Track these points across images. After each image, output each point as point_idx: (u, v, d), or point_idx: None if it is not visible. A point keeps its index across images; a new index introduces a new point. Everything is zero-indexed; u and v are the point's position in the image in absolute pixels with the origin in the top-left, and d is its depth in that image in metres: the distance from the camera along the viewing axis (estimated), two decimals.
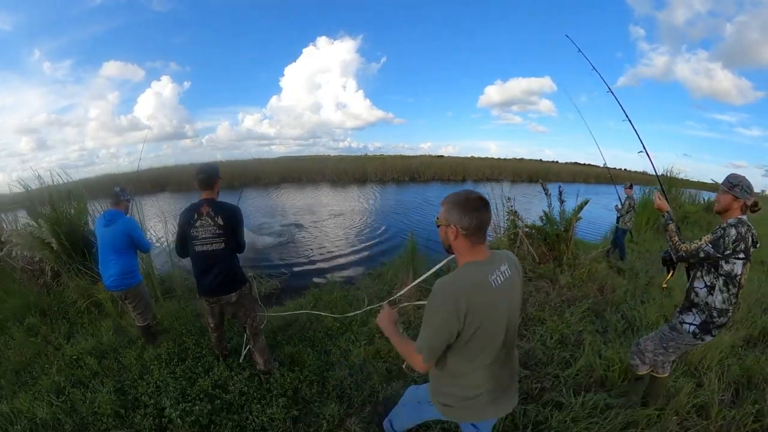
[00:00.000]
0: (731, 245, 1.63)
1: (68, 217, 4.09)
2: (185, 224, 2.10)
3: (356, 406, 2.19)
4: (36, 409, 2.17)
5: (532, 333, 2.98)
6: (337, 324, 3.15)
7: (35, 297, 3.69)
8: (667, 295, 3.88)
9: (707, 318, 1.75)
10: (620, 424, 1.87)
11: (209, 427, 2.04)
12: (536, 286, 4.05)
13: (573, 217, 4.69)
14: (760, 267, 5.30)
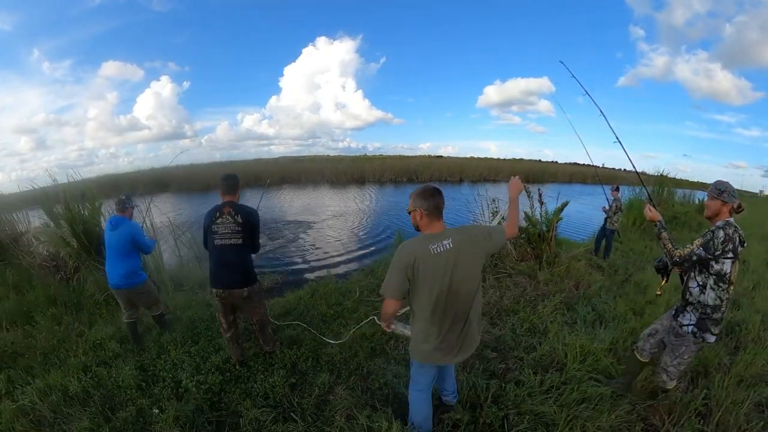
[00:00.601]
0: (720, 246, 1.73)
1: (82, 218, 4.36)
2: (208, 220, 2.33)
3: (344, 376, 2.49)
4: (67, 384, 2.44)
5: (504, 322, 3.20)
6: (330, 311, 3.49)
7: (55, 290, 3.95)
8: (641, 291, 4.09)
9: (701, 315, 1.85)
10: (574, 401, 2.07)
11: (220, 394, 2.35)
12: (515, 281, 4.25)
13: (554, 217, 4.90)
14: (741, 266, 5.48)
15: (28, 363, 2.84)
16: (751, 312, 3.53)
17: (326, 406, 2.21)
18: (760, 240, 7.31)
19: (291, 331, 3.16)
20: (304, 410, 2.16)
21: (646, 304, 3.62)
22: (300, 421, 2.07)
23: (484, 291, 3.96)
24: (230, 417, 2.19)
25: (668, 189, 9.95)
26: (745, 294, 4.13)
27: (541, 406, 1.99)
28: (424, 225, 1.57)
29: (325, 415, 2.12)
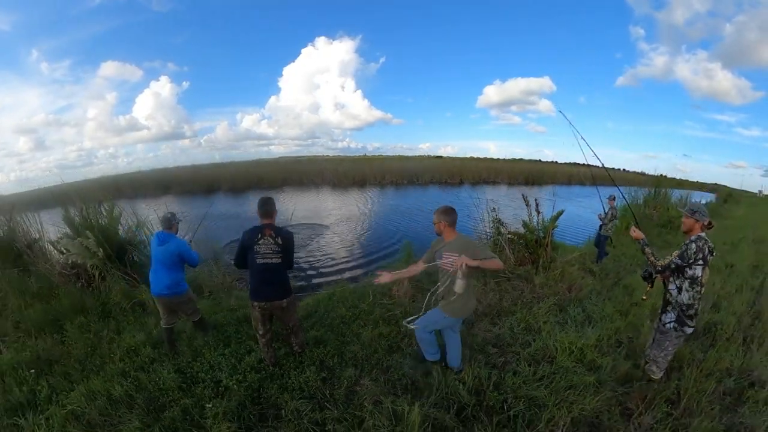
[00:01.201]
0: (693, 255, 2.19)
1: (101, 226, 4.55)
2: (250, 240, 2.57)
3: (367, 370, 2.80)
4: (110, 388, 2.58)
5: (503, 322, 3.54)
6: (349, 313, 3.81)
7: (79, 299, 4.05)
8: (628, 294, 4.44)
9: (680, 313, 2.30)
10: (562, 387, 2.42)
11: (259, 390, 2.57)
12: (513, 285, 4.60)
13: (550, 225, 5.26)
14: (728, 269, 5.79)
15: (64, 369, 2.95)
16: (728, 314, 3.86)
17: (354, 395, 2.50)
18: (752, 243, 7.67)
19: (315, 332, 3.45)
20: (336, 400, 2.44)
21: (632, 306, 3.97)
22: (333, 409, 2.34)
23: (485, 294, 4.31)
24: (271, 409, 2.42)
25: (665, 191, 10.26)
26: (726, 297, 4.46)
27: (534, 391, 2.35)
28: (447, 232, 2.47)
29: (354, 402, 2.41)
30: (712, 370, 2.78)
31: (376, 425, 2.15)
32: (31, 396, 2.62)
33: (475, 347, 3.05)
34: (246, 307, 4.04)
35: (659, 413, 2.25)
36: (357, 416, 2.26)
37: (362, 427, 2.18)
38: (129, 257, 4.74)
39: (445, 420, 2.16)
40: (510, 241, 5.36)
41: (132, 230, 5.00)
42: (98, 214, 4.75)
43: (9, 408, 2.50)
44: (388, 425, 2.13)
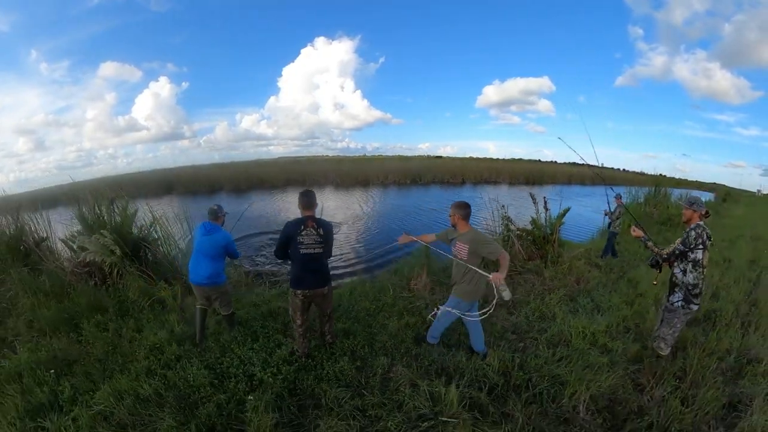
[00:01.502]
0: (693, 241, 2.54)
1: (114, 224, 4.50)
2: (293, 232, 2.66)
3: (398, 358, 2.93)
4: (137, 387, 2.51)
5: (519, 311, 3.79)
6: (372, 306, 3.98)
7: (95, 297, 3.95)
8: (633, 286, 4.71)
9: (686, 292, 2.61)
10: (579, 366, 2.67)
11: (295, 381, 2.60)
12: (524, 278, 4.86)
13: (557, 222, 5.52)
14: (726, 264, 6.07)
15: (84, 369, 2.85)
16: (727, 302, 4.14)
17: (389, 381, 2.60)
18: (750, 240, 7.97)
19: (342, 324, 3.53)
20: (373, 386, 2.53)
21: (637, 297, 4.24)
22: (371, 395, 2.43)
23: None
24: (309, 400, 2.46)
25: (665, 190, 10.56)
26: (725, 288, 4.74)
27: (556, 369, 2.59)
28: (461, 225, 2.76)
29: (390, 388, 2.52)
30: (714, 349, 3.05)
31: (416, 406, 2.28)
32: (52, 397, 2.51)
33: (496, 334, 3.29)
34: (269, 302, 4.20)
35: (669, 387, 2.51)
36: (395, 400, 2.37)
37: (403, 409, 2.29)
38: (144, 255, 4.68)
39: (480, 398, 2.34)
40: (519, 237, 5.61)
41: (146, 228, 4.90)
42: (111, 212, 4.68)
43: (30, 410, 2.40)
44: (427, 406, 2.27)
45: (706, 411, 2.30)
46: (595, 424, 2.19)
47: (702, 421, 2.23)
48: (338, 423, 2.17)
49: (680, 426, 2.16)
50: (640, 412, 2.28)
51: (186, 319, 3.66)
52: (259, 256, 7.31)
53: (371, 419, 2.24)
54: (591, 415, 2.27)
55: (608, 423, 2.22)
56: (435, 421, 2.16)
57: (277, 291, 4.79)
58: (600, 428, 2.16)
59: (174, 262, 4.77)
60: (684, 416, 2.22)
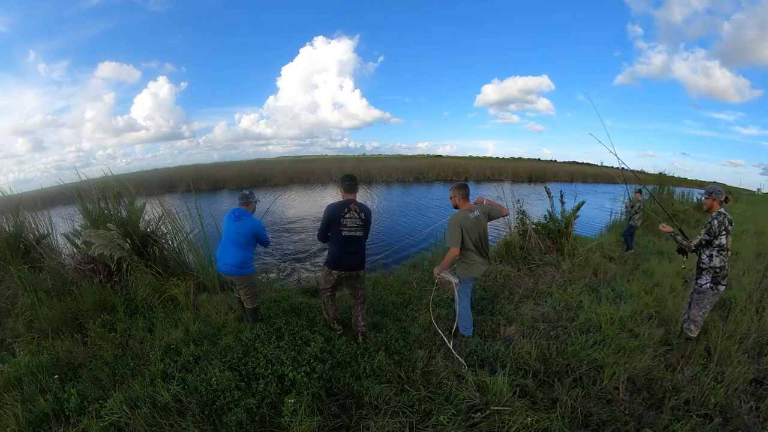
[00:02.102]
0: (717, 229, 2.74)
1: (121, 218, 4.31)
2: (336, 215, 2.76)
3: (434, 351, 2.96)
4: (154, 393, 2.28)
5: (544, 302, 3.95)
6: (399, 299, 4.06)
7: (100, 295, 3.74)
8: (648, 276, 4.88)
9: (714, 275, 2.81)
10: (613, 351, 2.82)
11: (331, 380, 2.47)
12: (543, 270, 5.03)
13: (571, 215, 5.69)
14: (734, 257, 6.27)
15: (92, 374, 2.62)
16: (740, 291, 4.33)
17: (430, 375, 2.58)
18: (753, 235, 8.20)
19: (371, 318, 3.48)
20: (415, 381, 2.50)
21: (654, 286, 4.42)
22: (415, 390, 2.38)
23: (521, 279, 4.72)
24: (349, 399, 2.34)
25: (668, 188, 10.77)
26: (736, 278, 4.93)
27: (593, 354, 2.75)
28: (461, 204, 3.01)
29: (433, 381, 2.50)
30: (733, 332, 3.21)
31: (466, 398, 2.29)
32: (57, 406, 2.25)
33: (527, 323, 3.44)
34: (290, 297, 4.21)
35: (697, 366, 2.68)
36: (442, 393, 2.36)
37: (452, 402, 2.27)
38: (152, 250, 4.51)
39: (527, 385, 2.41)
40: (535, 231, 5.77)
41: (155, 222, 4.72)
42: (117, 206, 4.51)
43: (33, 420, 2.15)
44: (477, 396, 2.29)
45: (736, 387, 2.47)
46: (636, 402, 2.35)
47: (734, 396, 2.40)
48: (389, 422, 2.08)
49: (715, 400, 2.32)
50: (675, 390, 2.44)
51: (201, 318, 3.53)
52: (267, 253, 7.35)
53: (421, 414, 2.19)
54: (631, 395, 2.43)
55: (647, 401, 2.37)
56: (487, 411, 2.17)
57: (298, 287, 4.85)
58: (641, 406, 2.32)
59: (184, 258, 4.62)
60: (717, 391, 2.38)
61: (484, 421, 2.12)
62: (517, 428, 2.02)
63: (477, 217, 2.93)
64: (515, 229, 6.04)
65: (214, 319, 3.52)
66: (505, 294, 4.22)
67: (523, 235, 5.80)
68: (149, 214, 4.78)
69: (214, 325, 3.37)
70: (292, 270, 6.37)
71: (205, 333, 3.19)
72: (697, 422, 2.15)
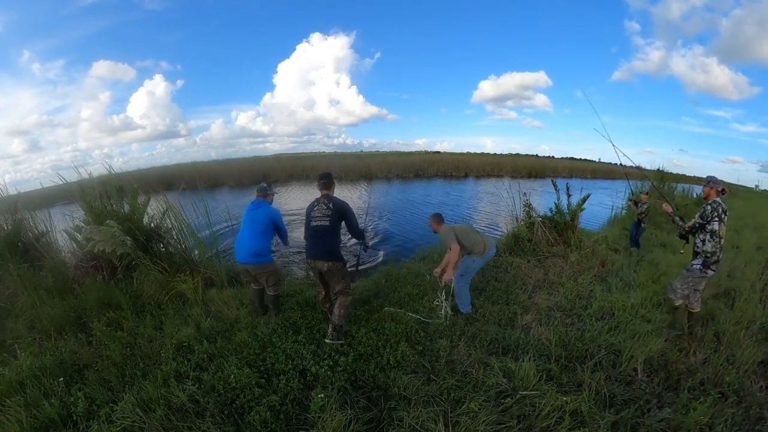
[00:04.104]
0: (710, 215, 2.94)
1: (123, 214, 4.27)
2: (309, 210, 3.02)
3: (455, 340, 2.99)
4: (168, 394, 2.20)
5: (556, 292, 4.06)
6: (415, 291, 4.10)
7: (104, 292, 3.66)
8: (654, 266, 5.02)
9: (705, 258, 2.98)
10: (628, 336, 2.94)
11: (355, 373, 2.46)
12: (552, 262, 5.14)
13: (577, 208, 5.80)
14: (735, 250, 6.42)
15: (99, 376, 2.52)
16: (743, 281, 4.47)
17: (455, 364, 2.62)
18: (753, 229, 8.39)
19: (388, 308, 3.54)
20: (440, 370, 2.52)
21: (660, 275, 4.55)
22: (442, 379, 2.40)
23: (531, 270, 4.83)
24: (376, 391, 2.33)
25: (668, 184, 10.96)
26: (739, 269, 5.08)
27: (610, 339, 2.86)
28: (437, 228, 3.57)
29: (458, 370, 2.53)
30: (739, 319, 3.35)
31: (496, 384, 2.33)
32: (64, 410, 2.14)
33: (543, 312, 3.53)
34: (303, 291, 4.24)
35: (708, 349, 2.80)
36: (469, 381, 2.40)
37: (481, 388, 2.31)
38: (157, 246, 4.44)
39: (552, 369, 2.50)
40: (542, 224, 5.87)
41: (159, 217, 4.66)
42: (120, 202, 4.47)
43: (38, 427, 2.04)
44: (504, 382, 2.34)
45: (746, 368, 2.59)
46: (654, 383, 2.46)
47: (745, 376, 2.52)
48: (422, 411, 2.07)
49: (729, 379, 2.44)
50: (690, 372, 2.56)
51: (212, 314, 3.48)
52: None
53: (452, 403, 2.19)
54: (648, 376, 2.54)
55: (665, 382, 2.48)
56: (517, 396, 2.21)
57: (308, 281, 4.79)
58: (659, 387, 2.43)
59: (190, 253, 4.57)
60: (730, 371, 2.50)
61: (515, 405, 2.16)
62: (548, 411, 2.10)
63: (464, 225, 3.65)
64: (522, 222, 6.15)
65: (226, 314, 3.49)
66: (518, 284, 4.32)
67: (531, 228, 5.91)
68: (152, 210, 4.73)
69: (226, 321, 3.32)
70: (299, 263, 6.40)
71: (217, 329, 3.13)
72: (714, 399, 2.26)
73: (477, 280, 4.44)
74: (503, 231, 7.28)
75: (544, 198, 7.43)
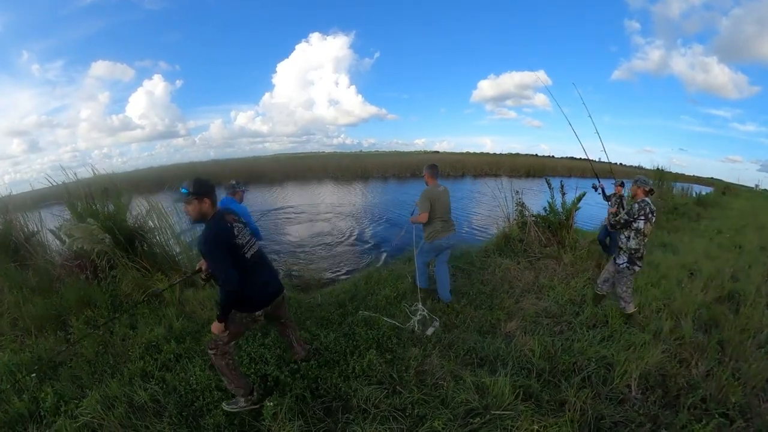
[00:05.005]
0: (636, 212, 2.95)
1: (107, 213, 4.20)
2: (228, 235, 2.07)
3: (429, 349, 2.76)
4: (131, 393, 2.21)
5: (546, 295, 3.76)
6: (393, 293, 3.86)
7: (85, 291, 3.67)
8: (653, 268, 4.71)
9: (629, 255, 3.02)
10: (622, 346, 2.65)
11: (317, 380, 2.32)
12: (544, 263, 4.83)
13: (572, 207, 5.49)
14: (738, 250, 6.12)
15: (72, 372, 2.56)
16: (748, 284, 4.18)
17: (425, 375, 2.41)
18: (755, 229, 8.09)
19: (363, 313, 3.36)
20: (408, 382, 2.32)
21: (660, 279, 4.25)
22: (408, 392, 2.21)
23: (521, 272, 4.53)
24: (336, 401, 2.19)
25: (667, 183, 10.66)
26: (742, 271, 4.78)
27: (602, 350, 2.56)
28: (429, 181, 3.53)
29: (428, 382, 2.32)
30: (745, 326, 3.06)
31: (463, 401, 2.10)
32: (33, 406, 2.20)
33: (529, 319, 3.24)
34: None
35: (711, 361, 2.50)
36: (437, 395, 2.19)
37: (448, 405, 2.10)
38: (139, 245, 4.31)
39: (531, 386, 2.22)
40: (535, 223, 5.58)
41: (142, 217, 4.56)
42: (104, 201, 4.40)
43: (7, 422, 2.10)
44: (476, 399, 2.10)
45: (754, 384, 2.30)
46: (650, 401, 2.16)
47: (752, 394, 2.23)
48: (378, 428, 1.93)
49: (735, 399, 2.14)
50: (691, 387, 2.26)
51: (186, 314, 3.46)
52: None
53: (414, 419, 2.01)
54: (643, 393, 2.24)
55: (662, 400, 2.19)
56: (488, 416, 1.98)
57: (286, 282, 4.64)
58: (655, 405, 2.13)
59: (171, 253, 4.49)
60: (735, 389, 2.20)
61: (484, 427, 1.94)
62: None
63: (443, 191, 3.53)
64: (514, 222, 5.85)
65: (199, 315, 3.46)
66: (505, 288, 4.03)
67: (523, 228, 5.62)
68: (137, 210, 4.63)
69: (198, 322, 3.30)
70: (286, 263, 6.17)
71: (188, 330, 3.13)
72: (718, 422, 1.96)
73: (461, 283, 4.16)
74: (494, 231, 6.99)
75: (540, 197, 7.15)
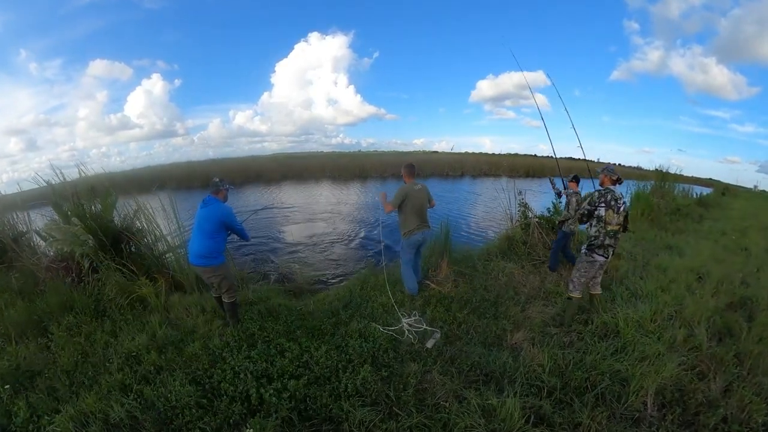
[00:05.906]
0: (597, 200, 2.99)
1: (94, 214, 4.08)
2: None
3: (430, 364, 2.57)
4: (107, 408, 2.08)
5: (554, 303, 3.62)
6: (391, 301, 3.64)
7: (68, 295, 3.52)
8: (662, 272, 4.58)
9: (589, 243, 3.04)
10: (636, 359, 2.49)
11: (305, 400, 2.14)
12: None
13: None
14: (744, 252, 6.00)
15: (49, 383, 2.42)
16: (759, 288, 4.03)
17: (426, 394, 2.23)
18: (759, 230, 7.96)
19: (356, 324, 3.16)
20: (406, 403, 2.14)
21: (670, 283, 4.11)
22: (406, 415, 2.03)
23: (525, 277, 4.39)
24: (326, 424, 2.02)
25: (669, 183, 10.56)
26: (752, 275, 4.64)
27: (617, 364, 2.41)
28: (406, 179, 3.76)
29: (428, 403, 2.13)
30: (762, 335, 2.91)
31: (470, 425, 1.91)
32: (5, 420, 2.07)
33: (536, 329, 3.09)
34: (269, 299, 3.88)
35: (730, 375, 2.36)
36: (439, 419, 2.00)
37: (453, 430, 1.92)
38: (126, 247, 4.19)
39: (542, 407, 2.05)
40: (538, 225, 5.44)
41: (129, 217, 4.43)
42: (91, 201, 4.25)
43: None
44: (481, 424, 1.91)
45: None
46: (668, 420, 2.02)
47: None
48: None
49: (759, 418, 2.00)
50: (710, 404, 2.12)
51: (170, 321, 3.29)
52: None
53: None
54: (660, 410, 2.10)
55: (680, 418, 2.05)
56: None
57: (278, 287, 4.49)
58: (673, 424, 2.00)
59: (159, 255, 4.35)
60: (759, 407, 2.06)
61: None
62: None
63: (419, 189, 3.70)
64: (517, 223, 5.72)
65: (184, 322, 3.29)
66: (510, 294, 3.88)
67: (526, 230, 5.48)
68: (126, 208, 4.50)
69: (183, 330, 3.13)
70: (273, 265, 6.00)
71: (171, 338, 2.95)
72: None
73: (464, 290, 4.01)
74: (495, 231, 6.85)
75: (541, 198, 7.02)
